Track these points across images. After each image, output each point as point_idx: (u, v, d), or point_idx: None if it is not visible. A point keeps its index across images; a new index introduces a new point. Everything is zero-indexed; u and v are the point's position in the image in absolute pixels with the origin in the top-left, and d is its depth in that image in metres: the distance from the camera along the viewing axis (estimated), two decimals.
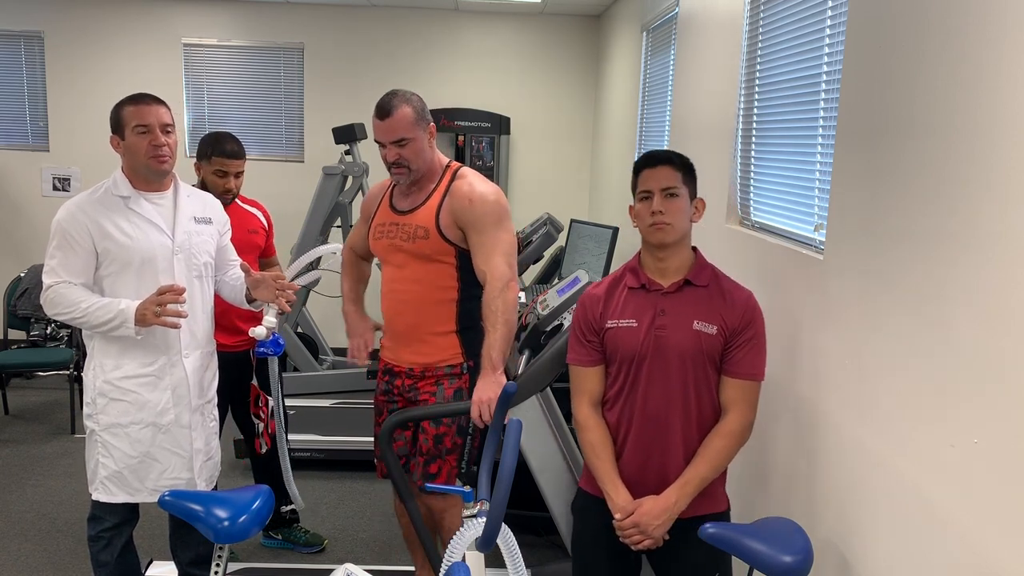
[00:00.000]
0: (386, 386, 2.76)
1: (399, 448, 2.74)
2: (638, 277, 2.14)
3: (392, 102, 2.55)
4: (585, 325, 2.18)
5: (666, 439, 2.08)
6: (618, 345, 2.11)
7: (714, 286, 2.11)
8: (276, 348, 3.11)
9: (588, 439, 2.16)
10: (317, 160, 6.13)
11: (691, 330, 2.06)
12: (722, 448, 2.06)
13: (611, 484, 2.10)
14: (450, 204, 2.58)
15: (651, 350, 2.08)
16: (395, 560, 3.57)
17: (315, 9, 6.32)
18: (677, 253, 2.12)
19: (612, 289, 2.18)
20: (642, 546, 2.04)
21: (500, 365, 2.54)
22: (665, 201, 2.07)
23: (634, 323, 2.10)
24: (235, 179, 3.20)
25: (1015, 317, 1.37)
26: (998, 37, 1.43)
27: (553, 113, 6.55)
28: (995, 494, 1.41)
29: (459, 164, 2.72)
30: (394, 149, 2.56)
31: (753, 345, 2.08)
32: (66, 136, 6.34)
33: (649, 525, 2.01)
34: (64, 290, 2.44)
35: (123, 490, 2.55)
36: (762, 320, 2.11)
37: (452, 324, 2.64)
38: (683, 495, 2.04)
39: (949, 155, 1.57)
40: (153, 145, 2.46)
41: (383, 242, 2.69)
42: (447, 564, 1.73)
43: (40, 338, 5.64)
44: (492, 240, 2.56)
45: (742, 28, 2.90)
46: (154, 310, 2.38)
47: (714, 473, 2.07)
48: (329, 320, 6.32)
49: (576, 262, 4.40)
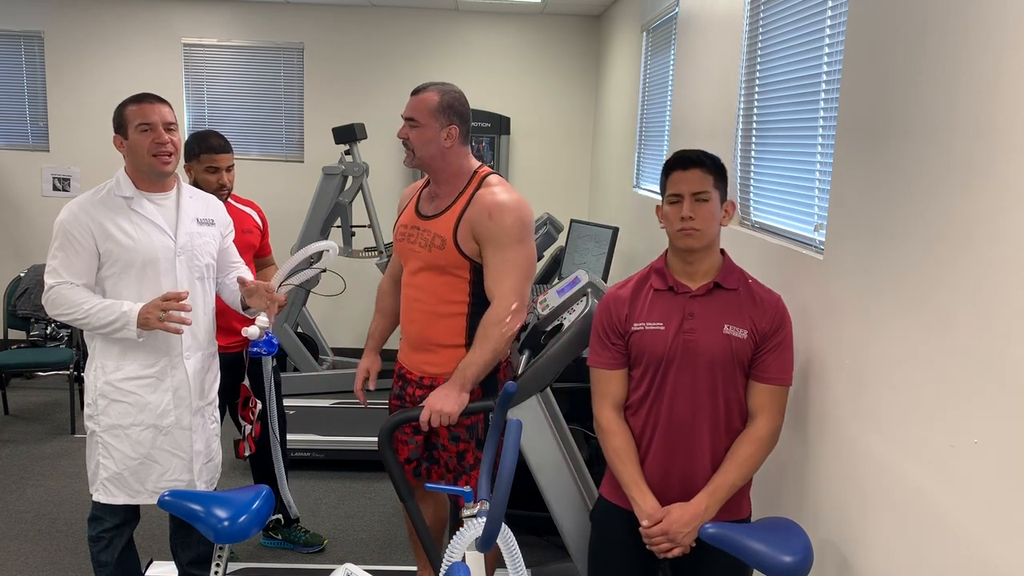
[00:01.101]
0: (399, 391, 2.72)
1: (410, 452, 2.71)
2: (665, 279, 2.10)
3: (426, 86, 2.53)
4: (609, 327, 2.13)
5: (692, 445, 2.05)
6: (644, 348, 2.07)
7: (744, 289, 2.08)
8: (270, 348, 3.10)
9: (612, 444, 2.11)
10: (317, 160, 6.14)
11: (721, 334, 2.02)
12: (751, 455, 2.03)
13: (637, 490, 2.06)
14: (470, 214, 2.48)
15: (679, 354, 2.04)
16: (395, 560, 3.57)
17: (315, 9, 6.32)
18: (707, 257, 2.08)
19: (638, 290, 2.13)
20: (671, 554, 2.01)
21: (469, 386, 2.46)
22: (695, 206, 2.02)
23: (661, 326, 2.06)
24: (227, 173, 3.19)
25: (1015, 317, 1.37)
26: (998, 37, 1.43)
27: (553, 113, 6.55)
28: (995, 494, 1.41)
29: (489, 170, 2.61)
30: (405, 127, 2.53)
31: (783, 349, 2.05)
32: (66, 136, 6.34)
33: (679, 533, 1.98)
34: (66, 291, 2.43)
35: (123, 491, 2.55)
36: (791, 324, 2.08)
37: (462, 338, 2.55)
38: (713, 502, 2.01)
39: (949, 155, 1.57)
40: (156, 143, 2.46)
41: (404, 244, 2.63)
42: (447, 564, 1.73)
43: (40, 338, 5.64)
44: (507, 259, 2.45)
45: (742, 28, 2.90)
46: (158, 315, 2.38)
47: (743, 480, 2.05)
48: (329, 320, 6.34)
49: (576, 262, 4.40)
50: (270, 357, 3.26)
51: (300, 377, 5.31)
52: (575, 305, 2.65)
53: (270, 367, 3.32)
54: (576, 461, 2.67)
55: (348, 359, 5.96)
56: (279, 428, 3.50)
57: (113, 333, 2.43)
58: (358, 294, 6.40)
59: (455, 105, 2.53)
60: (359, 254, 5.38)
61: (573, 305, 2.66)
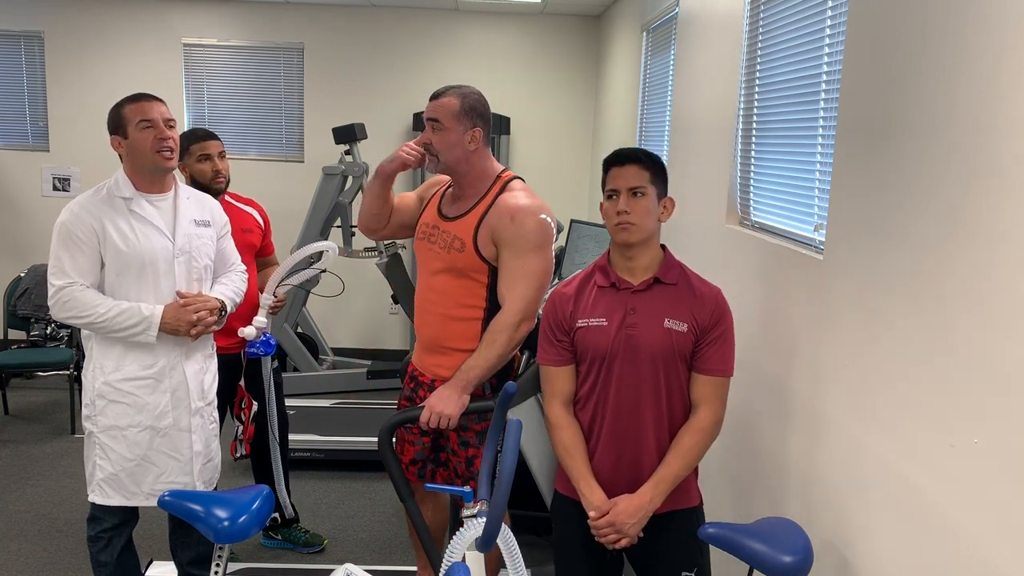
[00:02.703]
0: (410, 393, 2.70)
1: (416, 453, 2.70)
2: (608, 275, 2.14)
3: (446, 89, 2.51)
4: (555, 324, 2.18)
5: (638, 437, 2.10)
6: (588, 344, 2.12)
7: (683, 283, 2.12)
8: (267, 348, 3.10)
9: (561, 438, 2.16)
10: (317, 160, 6.14)
11: (662, 328, 2.07)
12: (694, 444, 2.08)
13: (585, 483, 2.10)
14: (491, 218, 2.46)
15: (622, 349, 2.08)
16: (395, 560, 3.57)
17: (315, 9, 6.32)
18: (645, 252, 2.12)
19: (582, 288, 2.17)
20: (618, 545, 2.06)
21: (470, 388, 2.46)
22: (631, 201, 2.07)
23: (604, 322, 2.10)
24: (220, 160, 3.19)
25: (1015, 317, 1.36)
26: (998, 37, 1.43)
27: (553, 113, 6.55)
28: (995, 494, 1.41)
29: (513, 175, 2.59)
30: (428, 130, 2.50)
31: (723, 342, 2.10)
32: (66, 136, 6.34)
33: (624, 524, 2.03)
34: (77, 293, 2.42)
35: (119, 493, 2.55)
36: (731, 316, 2.13)
37: (476, 342, 2.51)
38: (657, 493, 2.05)
39: (949, 155, 1.57)
40: (159, 139, 2.47)
41: (423, 244, 2.61)
42: (447, 564, 1.73)
43: (40, 338, 5.64)
44: (524, 265, 2.43)
45: (742, 28, 2.90)
46: (190, 331, 2.47)
47: (687, 470, 2.09)
48: (329, 320, 6.33)
49: (576, 262, 4.40)
50: (269, 358, 3.26)
51: (300, 377, 5.31)
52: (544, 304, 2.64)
53: (269, 368, 3.31)
54: None
55: (348, 359, 5.96)
56: (280, 429, 3.49)
57: (130, 337, 2.43)
58: (358, 294, 6.40)
59: (477, 107, 2.52)
60: (359, 254, 5.38)
61: None
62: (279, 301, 3.13)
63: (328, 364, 5.77)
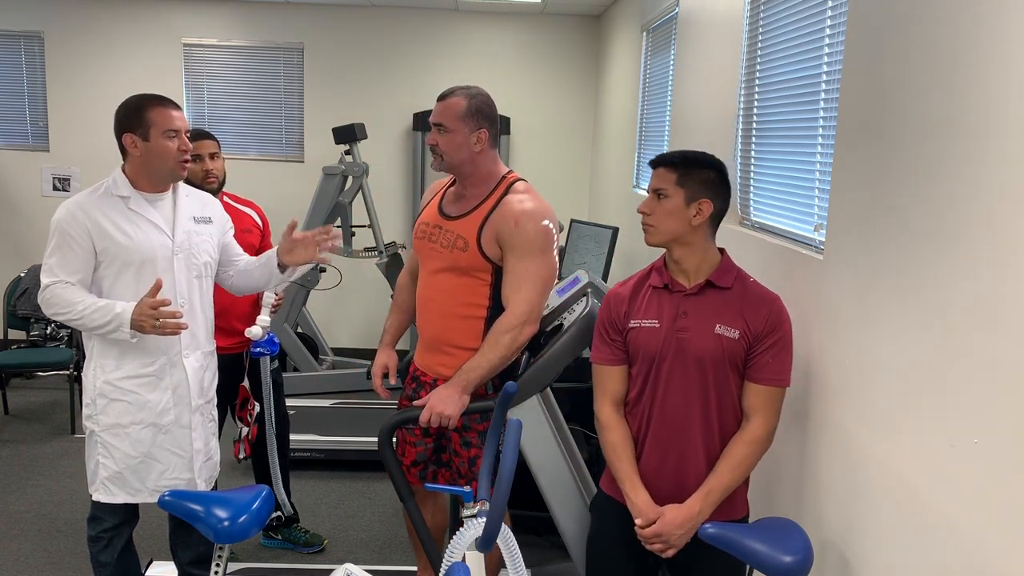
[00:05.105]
0: (412, 393, 2.70)
1: (417, 454, 2.70)
2: (662, 276, 2.12)
3: (453, 90, 2.52)
4: (609, 324, 2.16)
5: (684, 443, 2.06)
6: (640, 345, 2.09)
7: (738, 289, 2.07)
8: (272, 347, 3.10)
9: (609, 439, 2.14)
10: (317, 160, 6.14)
11: (712, 333, 2.03)
12: (745, 456, 2.04)
13: (631, 486, 2.08)
14: (495, 219, 2.46)
15: (671, 351, 2.05)
16: (395, 560, 3.57)
17: (315, 9, 6.32)
18: (689, 254, 2.08)
19: (637, 288, 2.16)
20: (665, 555, 2.03)
21: (471, 388, 2.45)
22: (652, 202, 2.07)
23: (656, 323, 2.08)
24: (211, 161, 3.19)
25: (1015, 317, 1.37)
26: (998, 37, 1.43)
27: (553, 113, 6.55)
28: (995, 494, 1.41)
29: (517, 177, 2.60)
30: (434, 133, 2.51)
31: (779, 350, 2.04)
32: (66, 136, 6.34)
33: (672, 535, 2.00)
34: (60, 290, 2.42)
35: (124, 490, 2.55)
36: (789, 325, 2.07)
37: (478, 341, 2.52)
38: (707, 504, 2.02)
39: (949, 155, 1.57)
40: (182, 150, 2.48)
41: (424, 243, 2.61)
42: (447, 564, 1.73)
43: (40, 338, 5.65)
44: (528, 268, 2.44)
45: (742, 28, 2.90)
46: (152, 323, 2.36)
47: (737, 482, 2.05)
48: (329, 320, 6.33)
49: (576, 262, 4.40)
50: (268, 358, 3.27)
51: (300, 377, 5.30)
52: (575, 305, 2.65)
53: (268, 368, 3.32)
54: (576, 461, 2.67)
55: (348, 359, 5.96)
56: (280, 429, 3.50)
57: (108, 334, 2.43)
58: (358, 294, 6.40)
59: (484, 108, 2.52)
60: (359, 254, 5.38)
61: (573, 305, 2.66)
62: (279, 299, 3.14)
63: (328, 364, 5.76)
